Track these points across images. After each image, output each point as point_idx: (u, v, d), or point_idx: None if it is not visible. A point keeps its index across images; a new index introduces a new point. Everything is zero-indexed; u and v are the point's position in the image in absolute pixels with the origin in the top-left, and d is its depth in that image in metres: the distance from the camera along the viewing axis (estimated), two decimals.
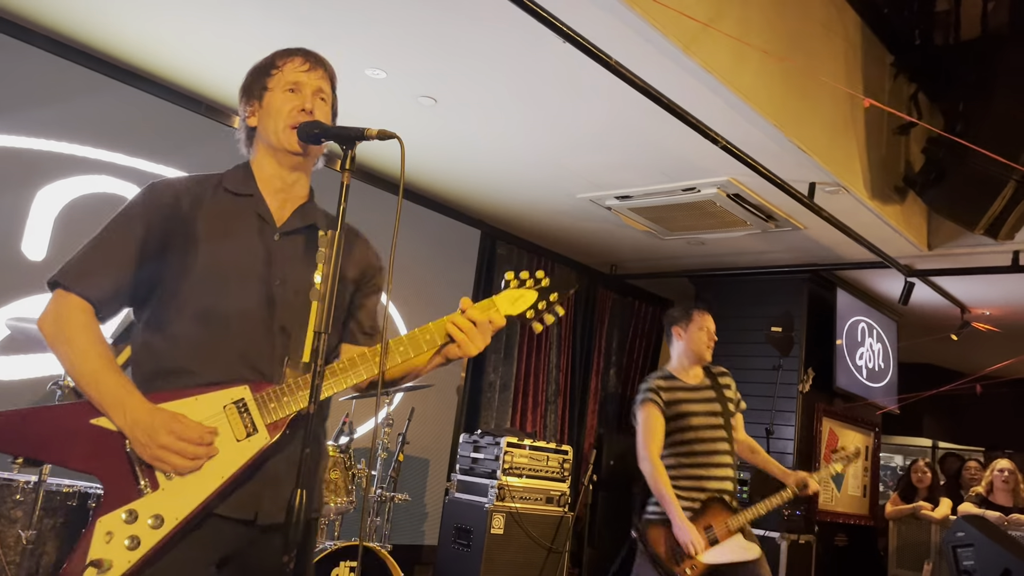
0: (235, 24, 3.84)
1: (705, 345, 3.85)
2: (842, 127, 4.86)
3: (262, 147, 1.90)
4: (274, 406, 1.71)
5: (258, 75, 1.91)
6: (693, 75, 3.75)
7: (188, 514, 1.64)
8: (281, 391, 1.72)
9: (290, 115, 1.85)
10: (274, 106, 1.86)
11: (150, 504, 1.63)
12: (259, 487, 1.72)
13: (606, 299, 7.48)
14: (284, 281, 1.82)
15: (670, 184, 5.20)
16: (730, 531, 3.61)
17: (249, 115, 1.91)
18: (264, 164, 1.90)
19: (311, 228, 1.90)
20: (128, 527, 1.61)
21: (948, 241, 5.81)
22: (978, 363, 7.94)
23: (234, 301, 1.76)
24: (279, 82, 1.88)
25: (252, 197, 1.86)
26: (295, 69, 1.90)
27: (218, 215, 1.82)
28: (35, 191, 4.13)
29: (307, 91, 1.89)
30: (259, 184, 1.89)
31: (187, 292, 1.75)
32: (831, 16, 4.78)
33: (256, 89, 1.90)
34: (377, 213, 5.40)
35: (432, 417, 5.91)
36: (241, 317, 1.76)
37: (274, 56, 1.93)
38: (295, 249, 1.87)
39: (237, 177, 1.90)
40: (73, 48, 4.23)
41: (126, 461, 1.66)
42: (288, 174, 1.90)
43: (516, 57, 3.86)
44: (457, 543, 5.04)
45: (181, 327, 1.75)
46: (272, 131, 1.86)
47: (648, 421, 3.75)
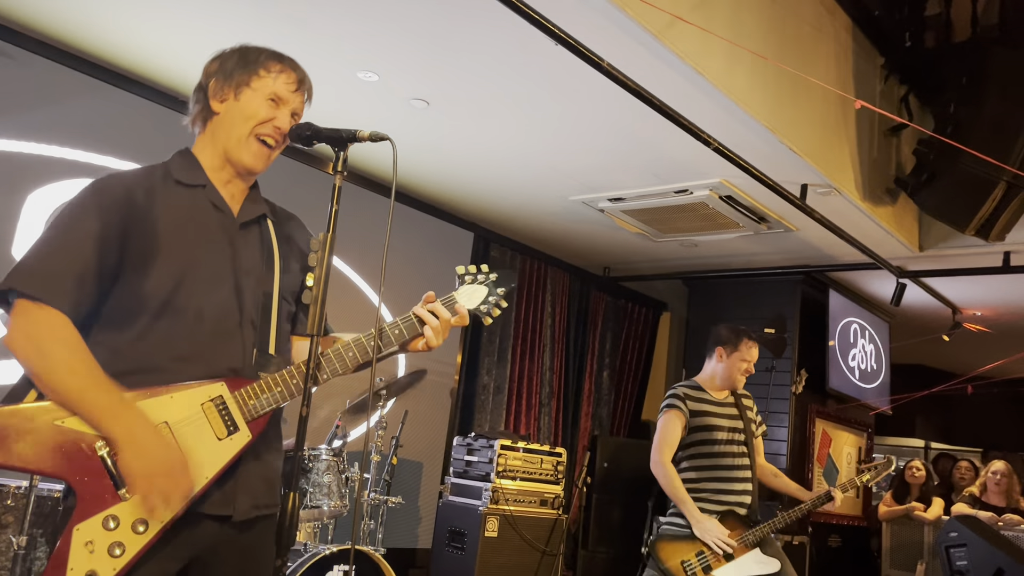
0: (227, 26, 3.83)
1: (741, 374, 3.87)
2: (834, 129, 4.87)
3: (213, 141, 1.83)
4: (253, 403, 1.70)
5: (245, 65, 1.83)
6: (685, 77, 3.76)
7: (173, 516, 1.60)
8: (259, 388, 1.71)
9: (260, 127, 1.80)
10: (251, 107, 1.80)
11: (133, 508, 1.58)
12: (232, 484, 1.70)
13: (599, 301, 7.48)
14: (248, 273, 1.80)
15: (663, 186, 5.20)
16: (746, 546, 3.60)
17: (218, 99, 1.82)
18: (212, 158, 1.83)
19: (262, 218, 1.89)
20: (110, 534, 1.56)
21: (939, 242, 5.84)
22: (970, 364, 7.97)
23: (205, 295, 1.73)
24: (265, 87, 1.82)
25: (205, 188, 1.81)
26: (286, 84, 1.84)
27: (174, 208, 1.75)
28: (25, 195, 4.11)
29: (287, 110, 1.84)
30: (208, 172, 1.83)
31: (151, 287, 1.68)
32: (822, 18, 4.80)
33: (237, 76, 1.82)
34: (369, 215, 5.41)
35: (426, 420, 5.90)
36: (213, 311, 1.73)
37: (269, 57, 1.85)
38: (253, 240, 1.85)
39: (184, 166, 1.82)
40: (63, 51, 4.21)
41: (100, 465, 1.58)
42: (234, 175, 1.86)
43: (508, 60, 3.86)
44: (451, 546, 5.03)
45: (147, 323, 1.67)
46: (234, 137, 1.80)
47: (667, 426, 3.78)
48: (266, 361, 1.77)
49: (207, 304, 1.72)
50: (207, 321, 1.72)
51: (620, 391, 7.61)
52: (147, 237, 1.70)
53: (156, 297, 1.68)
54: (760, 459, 3.98)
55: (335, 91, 4.36)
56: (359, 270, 5.44)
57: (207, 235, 1.78)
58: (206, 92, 1.84)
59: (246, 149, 1.80)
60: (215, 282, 1.75)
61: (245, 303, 1.77)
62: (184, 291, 1.71)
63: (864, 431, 7.54)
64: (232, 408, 1.68)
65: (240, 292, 1.77)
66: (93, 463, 1.58)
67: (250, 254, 1.82)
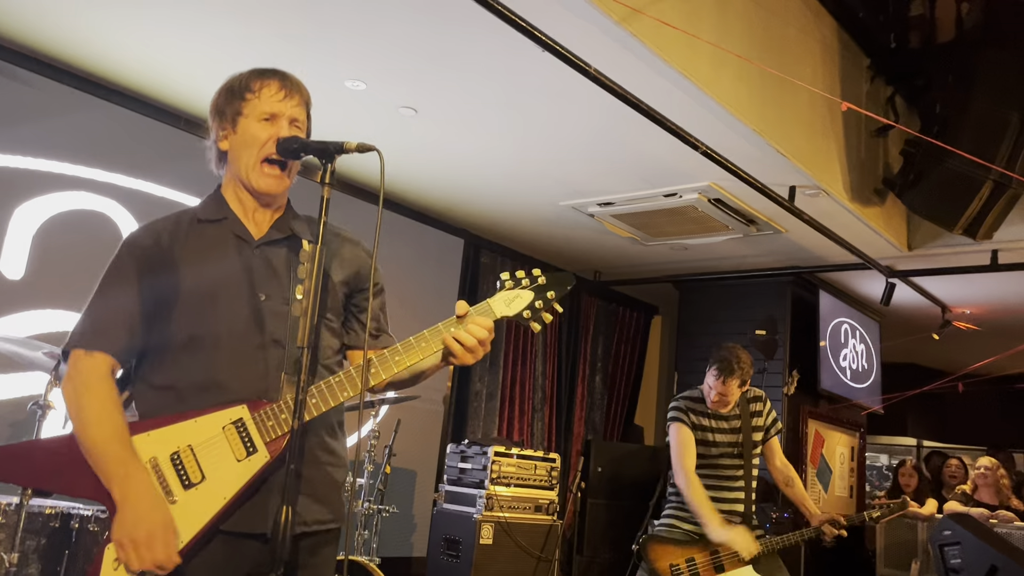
0: (214, 37, 3.82)
1: (714, 402, 3.79)
2: (821, 130, 4.89)
3: (230, 174, 1.88)
4: (272, 424, 1.71)
5: (232, 97, 1.85)
6: (672, 82, 3.77)
7: (193, 536, 1.65)
8: (279, 408, 1.72)
9: (264, 148, 1.81)
10: (250, 134, 1.82)
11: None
12: (266, 500, 1.71)
13: (591, 306, 7.48)
14: (269, 295, 1.80)
15: (652, 190, 5.21)
16: (740, 560, 3.57)
17: (221, 139, 1.87)
18: (235, 189, 1.88)
19: (292, 238, 1.88)
20: None
21: (928, 242, 5.87)
22: (960, 362, 8.00)
23: (221, 322, 1.76)
24: (255, 110, 1.83)
25: (227, 220, 1.85)
26: (271, 97, 1.83)
27: (196, 244, 1.81)
28: (12, 209, 4.09)
29: (283, 121, 1.83)
30: (232, 207, 1.87)
31: (177, 324, 1.75)
32: (807, 21, 4.82)
33: (229, 113, 1.85)
34: (359, 224, 5.36)
35: (418, 428, 5.89)
36: (231, 337, 1.75)
37: (249, 78, 1.86)
38: (276, 260, 1.85)
39: (209, 207, 1.89)
40: (50, 64, 4.19)
41: None
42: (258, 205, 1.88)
43: (496, 67, 3.86)
44: (446, 554, 5.02)
45: (176, 358, 1.75)
46: (243, 165, 1.82)
47: (679, 437, 3.77)
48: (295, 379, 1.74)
49: (223, 329, 1.75)
50: (224, 347, 1.75)
51: (613, 395, 7.61)
52: (171, 276, 1.77)
53: (181, 332, 1.76)
54: (777, 461, 3.92)
55: (323, 100, 4.33)
56: None
57: (222, 261, 1.80)
58: (215, 139, 1.89)
59: (257, 175, 1.82)
60: (230, 306, 1.77)
61: (266, 324, 1.78)
62: (199, 319, 1.75)
63: (856, 431, 7.56)
64: (251, 429, 1.71)
65: (259, 314, 1.78)
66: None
67: (271, 275, 1.82)
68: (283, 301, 1.80)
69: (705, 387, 3.86)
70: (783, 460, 3.96)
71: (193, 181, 4.46)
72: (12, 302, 4.02)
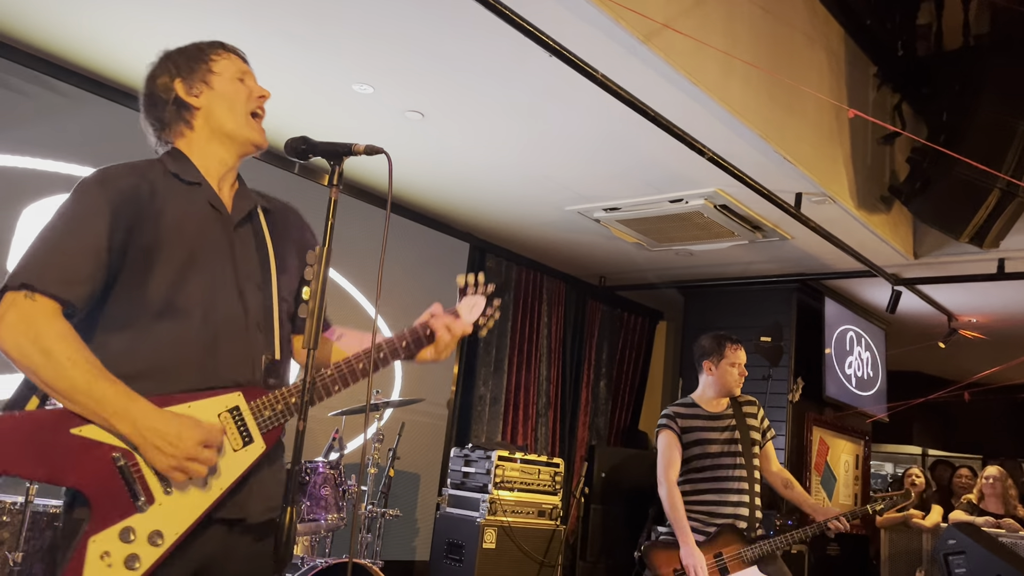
0: (223, 39, 3.83)
1: (735, 382, 3.84)
2: (827, 137, 4.89)
3: (206, 132, 1.81)
4: (269, 415, 1.70)
5: (195, 57, 1.85)
6: (680, 88, 3.77)
7: (187, 528, 1.60)
8: (275, 399, 1.71)
9: (249, 101, 1.83)
10: (228, 90, 1.82)
11: (148, 520, 1.56)
12: (246, 489, 1.70)
13: (595, 311, 7.48)
14: (249, 275, 1.78)
15: (658, 196, 5.21)
16: (743, 562, 3.57)
17: (194, 94, 1.80)
18: (207, 151, 1.81)
19: (253, 212, 1.88)
20: (127, 546, 1.54)
21: (934, 250, 5.85)
22: (966, 370, 7.98)
23: (210, 298, 1.70)
24: (227, 68, 1.85)
25: (201, 186, 1.79)
26: (238, 62, 1.89)
27: (175, 203, 1.73)
28: (20, 209, 4.11)
29: (252, 82, 1.88)
30: (201, 170, 1.80)
31: (154, 286, 1.64)
32: (815, 28, 4.82)
33: (199, 69, 1.82)
34: (365, 227, 5.41)
35: (422, 431, 5.89)
36: (219, 315, 1.71)
37: (208, 45, 1.89)
38: (247, 240, 1.83)
39: (179, 164, 1.78)
40: (57, 65, 4.22)
41: (117, 475, 1.55)
42: (231, 164, 1.85)
43: (503, 71, 3.87)
44: (449, 558, 5.01)
45: (149, 323, 1.64)
46: (230, 117, 1.81)
47: (665, 447, 3.79)
48: (275, 367, 1.77)
49: (212, 307, 1.70)
50: (212, 324, 1.69)
51: (617, 401, 7.60)
52: (151, 233, 1.67)
53: (158, 296, 1.65)
54: (773, 466, 3.94)
55: (330, 103, 4.36)
56: (355, 282, 5.44)
57: (207, 235, 1.75)
58: (176, 97, 1.81)
59: (249, 127, 1.83)
60: (218, 285, 1.73)
61: (249, 307, 1.76)
62: (187, 291, 1.68)
63: (861, 439, 7.54)
64: (248, 419, 1.68)
65: (243, 296, 1.76)
66: (110, 473, 1.55)
67: (248, 255, 1.81)
68: (257, 285, 1.79)
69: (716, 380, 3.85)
70: (778, 465, 3.99)
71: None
72: None
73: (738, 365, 3.86)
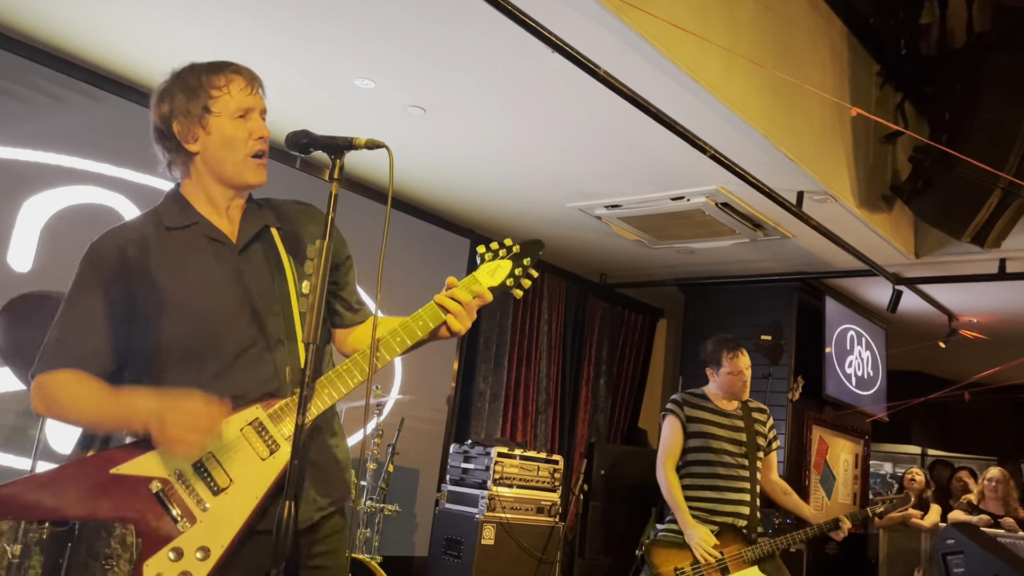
0: (222, 34, 3.83)
1: (739, 389, 3.85)
2: (829, 136, 4.88)
3: (204, 175, 1.82)
4: (289, 419, 1.72)
5: (194, 94, 1.78)
6: (682, 85, 3.77)
7: (232, 539, 1.65)
8: (292, 404, 1.72)
9: (248, 145, 1.79)
10: (227, 134, 1.78)
11: (193, 538, 1.64)
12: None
13: (596, 308, 7.48)
14: (261, 295, 1.80)
15: (659, 193, 5.21)
16: (744, 562, 3.57)
17: (190, 140, 1.79)
18: (204, 191, 1.83)
19: (264, 230, 1.87)
20: (176, 565, 1.62)
21: (935, 249, 5.85)
22: (966, 370, 7.98)
23: (223, 331, 1.74)
24: (226, 107, 1.78)
25: (197, 225, 1.81)
26: (241, 92, 1.80)
27: (171, 254, 1.77)
28: (21, 202, 4.10)
29: (256, 115, 1.82)
30: (199, 209, 1.82)
31: (169, 337, 1.72)
32: (818, 26, 4.81)
33: (196, 111, 1.78)
34: (365, 222, 5.38)
35: (422, 427, 5.89)
36: (236, 344, 1.75)
37: (208, 73, 1.80)
38: (258, 259, 1.84)
39: (173, 211, 1.82)
40: (60, 58, 4.21)
41: (155, 501, 1.66)
42: (236, 197, 1.86)
43: (505, 67, 3.86)
44: (448, 554, 5.01)
45: (174, 370, 1.72)
46: (230, 163, 1.79)
47: (666, 432, 3.82)
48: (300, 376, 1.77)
49: (228, 342, 1.74)
50: (230, 357, 1.74)
51: (617, 398, 7.60)
52: (149, 291, 1.74)
53: (175, 345, 1.73)
54: (772, 475, 3.96)
55: (332, 99, 4.36)
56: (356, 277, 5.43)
57: (210, 271, 1.78)
58: (173, 138, 1.80)
59: (247, 171, 1.81)
60: (229, 315, 1.76)
61: (267, 327, 1.78)
62: (201, 336, 1.73)
63: (861, 438, 7.53)
64: (269, 427, 1.71)
65: (259, 317, 1.78)
66: (150, 502, 1.66)
67: (260, 274, 1.82)
68: (274, 300, 1.81)
69: (721, 386, 3.86)
70: (778, 476, 4.03)
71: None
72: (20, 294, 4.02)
73: (737, 374, 3.84)
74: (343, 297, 1.99)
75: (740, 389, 3.85)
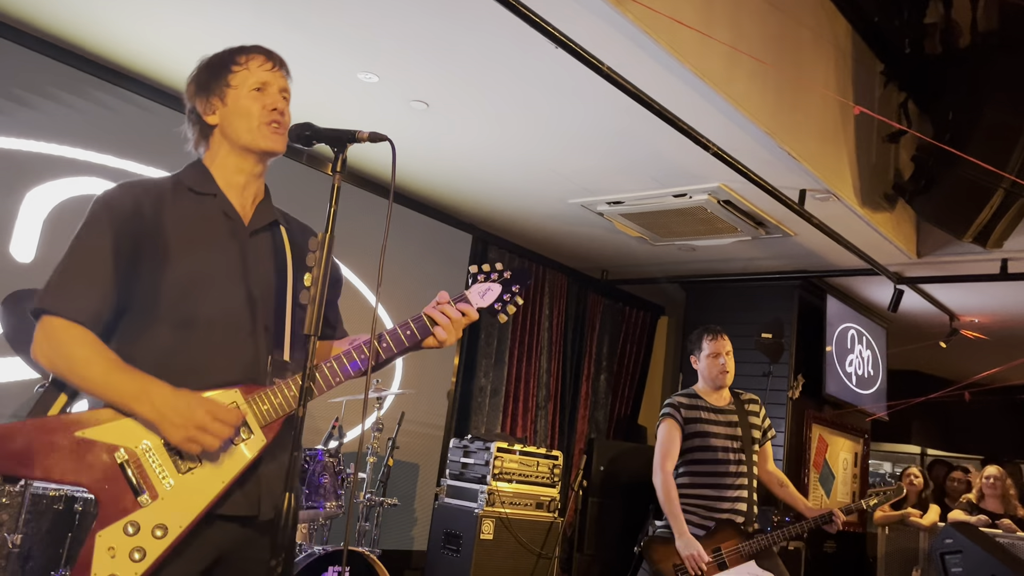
0: (227, 27, 3.83)
1: (718, 371, 3.84)
2: (832, 134, 4.88)
3: (226, 146, 1.87)
4: (267, 408, 1.72)
5: (216, 71, 1.86)
6: (685, 81, 3.76)
7: (192, 520, 1.64)
8: (272, 393, 1.73)
9: (263, 114, 1.83)
10: (242, 105, 1.84)
11: (153, 514, 1.62)
12: (255, 486, 1.73)
13: (597, 304, 7.48)
14: (260, 280, 1.82)
15: (661, 190, 5.21)
16: (742, 556, 3.57)
17: (209, 112, 1.86)
18: (227, 163, 1.87)
19: (273, 225, 1.92)
20: (131, 539, 1.60)
21: (937, 249, 5.85)
22: (967, 370, 7.98)
23: (217, 305, 1.76)
24: (244, 81, 1.85)
25: (216, 197, 1.84)
26: (260, 67, 1.86)
27: (184, 217, 1.79)
28: (24, 192, 4.11)
29: (274, 89, 1.87)
30: (219, 183, 1.86)
31: (165, 300, 1.73)
32: (822, 24, 4.81)
33: (216, 86, 1.85)
34: (366, 216, 5.40)
35: (422, 422, 5.90)
36: (226, 321, 1.76)
37: (232, 53, 1.88)
38: (264, 247, 1.88)
39: (196, 177, 1.87)
40: (63, 48, 4.21)
41: (119, 472, 1.63)
42: (253, 172, 1.89)
43: (508, 62, 3.86)
44: (446, 548, 5.02)
45: (162, 335, 1.72)
46: (245, 131, 1.83)
47: (663, 436, 3.80)
48: (282, 367, 1.79)
49: (218, 313, 1.75)
50: (218, 331, 1.75)
51: (617, 395, 7.61)
52: (156, 248, 1.74)
53: (167, 307, 1.73)
54: (769, 466, 3.96)
55: (335, 92, 4.36)
56: (357, 271, 5.44)
57: (217, 243, 1.80)
58: (197, 113, 1.89)
59: (261, 136, 1.84)
60: (225, 291, 1.77)
61: (258, 311, 1.80)
62: (194, 301, 1.74)
63: (860, 437, 7.54)
64: (247, 413, 1.71)
65: (252, 300, 1.80)
66: (113, 471, 1.63)
67: (262, 261, 1.85)
68: (270, 289, 1.83)
69: (703, 374, 3.88)
70: (774, 466, 4.02)
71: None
72: (22, 285, 4.02)
73: (719, 355, 3.85)
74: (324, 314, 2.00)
75: (720, 373, 3.83)
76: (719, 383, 3.86)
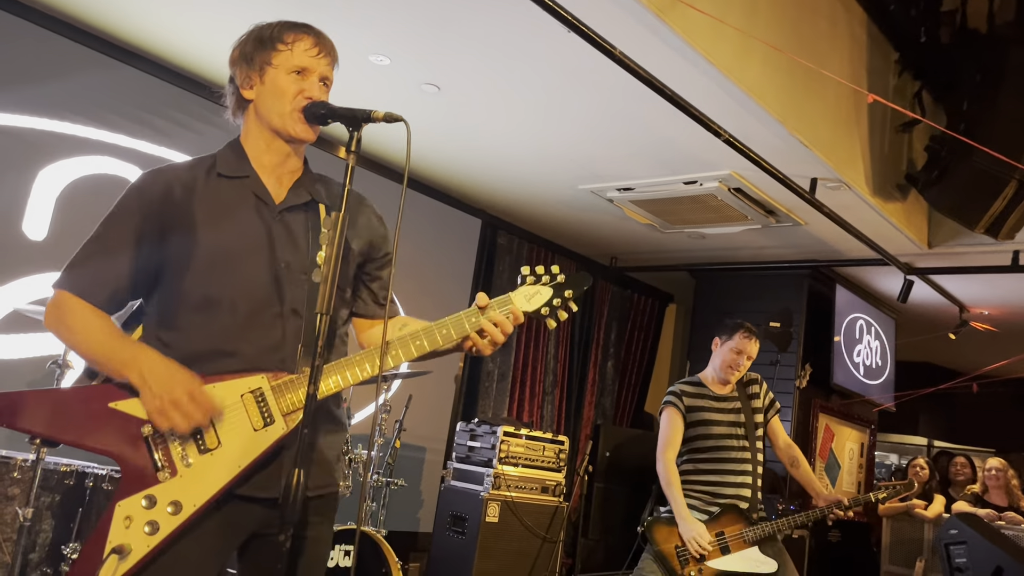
0: (238, 8, 3.82)
1: (731, 366, 3.81)
2: (845, 123, 4.85)
3: (257, 124, 1.85)
4: (291, 396, 1.72)
5: (262, 46, 1.82)
6: (698, 68, 3.75)
7: (206, 501, 1.65)
8: (298, 380, 1.72)
9: (296, 100, 1.80)
10: (278, 86, 1.80)
11: (169, 490, 1.65)
12: (278, 468, 1.73)
13: (605, 291, 7.48)
14: (288, 262, 1.80)
15: (672, 177, 5.19)
16: (745, 542, 3.59)
17: (247, 87, 1.84)
18: (259, 142, 1.85)
19: (310, 203, 1.88)
20: (147, 512, 1.63)
21: (948, 240, 5.82)
22: (975, 362, 7.96)
23: (241, 287, 1.75)
24: (286, 61, 1.81)
25: (248, 178, 1.82)
26: (305, 52, 1.83)
27: (214, 200, 1.78)
28: (36, 171, 4.13)
29: (314, 77, 1.83)
30: (253, 163, 1.84)
31: (191, 282, 1.74)
32: (837, 12, 4.77)
33: (258, 60, 1.82)
34: (376, 199, 5.39)
35: (430, 405, 5.92)
36: (250, 303, 1.75)
37: (282, 29, 1.84)
38: (296, 227, 1.84)
39: (230, 159, 1.84)
40: (76, 27, 4.22)
41: (144, 447, 1.67)
42: (283, 151, 1.86)
43: (520, 46, 3.85)
44: (452, 531, 5.06)
45: (188, 317, 1.74)
46: (276, 113, 1.80)
47: (666, 424, 3.81)
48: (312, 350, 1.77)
49: (243, 296, 1.74)
50: (243, 314, 1.74)
51: (624, 381, 7.62)
52: (185, 233, 1.75)
53: (194, 290, 1.74)
54: (781, 440, 3.92)
55: (346, 74, 4.33)
56: None
57: (247, 226, 1.79)
58: (236, 83, 1.86)
59: (291, 122, 1.81)
60: (249, 272, 1.76)
61: (286, 295, 1.78)
62: (217, 281, 1.74)
63: (867, 427, 7.54)
64: (270, 400, 1.71)
65: (279, 281, 1.78)
66: (138, 444, 1.68)
67: (292, 243, 1.82)
68: (302, 270, 1.80)
69: (715, 361, 3.86)
70: (787, 440, 3.97)
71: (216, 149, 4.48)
72: (35, 263, 4.06)
73: (739, 354, 3.81)
74: (372, 289, 1.99)
75: (732, 368, 3.81)
76: (726, 377, 3.85)
